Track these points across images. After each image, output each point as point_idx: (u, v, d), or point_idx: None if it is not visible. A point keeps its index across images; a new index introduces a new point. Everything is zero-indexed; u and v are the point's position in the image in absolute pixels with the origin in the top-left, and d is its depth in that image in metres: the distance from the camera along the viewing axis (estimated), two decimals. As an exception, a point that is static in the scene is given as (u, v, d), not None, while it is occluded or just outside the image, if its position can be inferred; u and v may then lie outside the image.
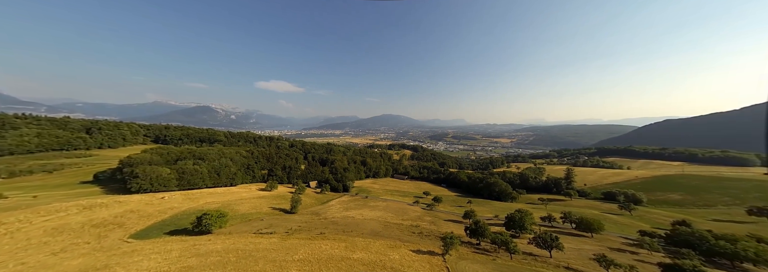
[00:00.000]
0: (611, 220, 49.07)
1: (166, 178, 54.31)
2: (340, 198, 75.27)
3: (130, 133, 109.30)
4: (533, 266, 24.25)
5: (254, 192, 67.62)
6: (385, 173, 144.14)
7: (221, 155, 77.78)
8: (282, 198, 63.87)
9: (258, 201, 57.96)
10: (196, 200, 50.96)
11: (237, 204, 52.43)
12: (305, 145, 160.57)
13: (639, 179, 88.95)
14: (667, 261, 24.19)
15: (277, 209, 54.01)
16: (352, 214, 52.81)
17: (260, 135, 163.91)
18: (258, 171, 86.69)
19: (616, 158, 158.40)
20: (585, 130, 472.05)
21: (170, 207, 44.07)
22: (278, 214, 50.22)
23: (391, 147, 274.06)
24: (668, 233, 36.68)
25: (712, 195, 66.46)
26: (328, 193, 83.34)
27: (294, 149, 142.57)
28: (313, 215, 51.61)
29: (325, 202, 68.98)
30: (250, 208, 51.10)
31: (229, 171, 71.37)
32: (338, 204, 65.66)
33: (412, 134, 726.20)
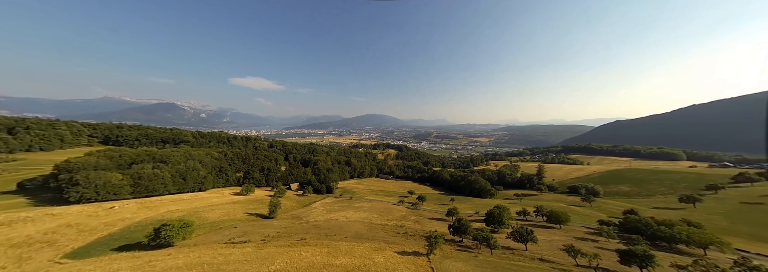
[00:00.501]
0: (575, 212, 54.08)
1: (117, 185, 47.22)
2: (323, 200, 72.68)
3: (69, 134, 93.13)
4: (511, 260, 25.39)
5: (227, 197, 62.19)
6: (369, 173, 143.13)
7: (188, 157, 70.25)
8: (259, 203, 59.64)
9: (231, 206, 53.33)
10: (155, 209, 45.11)
11: (206, 211, 47.59)
12: (286, 146, 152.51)
13: (596, 174, 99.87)
14: (622, 248, 27.10)
15: (253, 214, 50.18)
16: (335, 217, 51.10)
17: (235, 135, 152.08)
18: (232, 174, 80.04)
19: (578, 155, 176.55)
20: (552, 130, 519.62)
21: (121, 219, 38.32)
22: (254, 220, 46.65)
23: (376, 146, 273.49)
24: (621, 221, 41.43)
25: (653, 186, 77.10)
26: (310, 195, 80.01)
27: (273, 150, 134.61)
28: (294, 219, 48.91)
29: (308, 205, 66.07)
30: (222, 215, 46.74)
31: (198, 175, 64.65)
32: (321, 207, 63.27)
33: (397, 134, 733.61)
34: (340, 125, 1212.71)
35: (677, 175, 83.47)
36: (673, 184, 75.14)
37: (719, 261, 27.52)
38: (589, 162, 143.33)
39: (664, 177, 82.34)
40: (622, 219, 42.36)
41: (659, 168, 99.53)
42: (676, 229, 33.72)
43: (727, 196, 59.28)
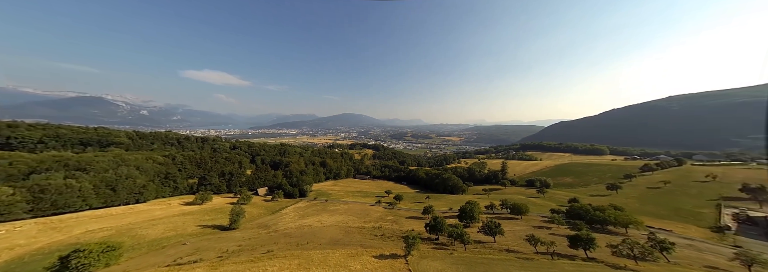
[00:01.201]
0: (532, 203, 60.90)
1: (5, 202, 35.75)
2: (295, 205, 67.76)
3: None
4: (483, 253, 26.80)
5: (175, 208, 53.11)
6: (346, 174, 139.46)
7: (119, 163, 57.79)
8: (218, 212, 52.40)
9: (180, 219, 45.56)
10: (66, 230, 35.63)
11: (144, 227, 39.59)
12: (253, 147, 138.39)
13: (547, 168, 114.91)
14: (570, 233, 31.13)
15: (209, 227, 43.65)
16: (308, 222, 47.80)
17: (188, 135, 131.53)
18: (183, 181, 68.82)
19: (533, 152, 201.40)
20: (512, 130, 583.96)
21: (8, 247, 29.05)
22: (211, 233, 40.55)
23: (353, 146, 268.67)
24: (567, 209, 47.97)
25: (588, 177, 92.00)
26: (281, 200, 73.82)
27: (237, 151, 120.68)
28: (261, 228, 44.11)
29: (277, 211, 60.68)
30: (167, 230, 39.44)
31: (133, 184, 53.54)
32: (293, 212, 58.76)
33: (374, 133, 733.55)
34: (314, 124, 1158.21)
35: (604, 167, 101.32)
36: (602, 175, 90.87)
37: (636, 238, 33.84)
38: (541, 158, 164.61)
39: (595, 170, 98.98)
40: (568, 207, 49.02)
41: (592, 162, 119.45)
42: (607, 213, 40.35)
43: (637, 183, 74.02)
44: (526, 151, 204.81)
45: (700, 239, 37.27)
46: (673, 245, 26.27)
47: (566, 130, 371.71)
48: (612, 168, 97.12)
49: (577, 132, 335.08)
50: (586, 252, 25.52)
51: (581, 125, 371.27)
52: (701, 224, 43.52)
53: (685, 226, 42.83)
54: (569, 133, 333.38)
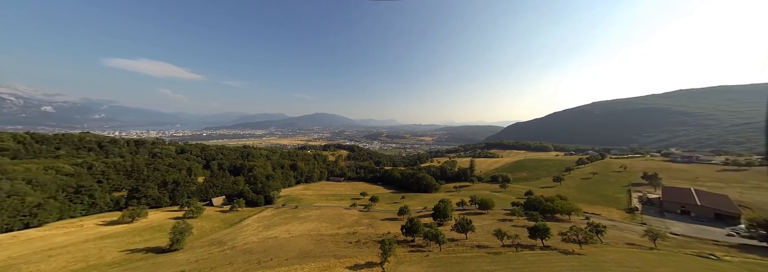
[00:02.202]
0: (496, 197, 66.63)
1: None
2: (260, 214, 60.83)
3: None
4: (457, 252, 27.46)
5: (89, 231, 41.97)
6: (319, 176, 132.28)
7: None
8: (155, 231, 43.30)
9: (95, 245, 36.00)
10: None
11: (35, 260, 29.96)
12: (207, 150, 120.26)
13: (507, 164, 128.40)
14: (529, 224, 34.46)
15: (140, 250, 35.46)
16: (274, 233, 42.97)
17: (116, 137, 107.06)
18: (104, 195, 55.20)
19: (495, 150, 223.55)
20: (478, 130, 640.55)
21: None
22: (142, 259, 32.89)
23: (327, 147, 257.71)
24: (524, 201, 53.69)
25: (539, 171, 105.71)
26: (242, 210, 65.45)
27: (186, 156, 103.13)
28: (214, 246, 37.77)
29: (237, 223, 53.39)
30: (72, 262, 30.52)
31: (19, 204, 40.31)
32: (256, 223, 52.45)
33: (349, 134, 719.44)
34: (284, 124, 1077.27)
35: (550, 162, 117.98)
36: (549, 169, 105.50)
37: (577, 223, 39.49)
38: (502, 156, 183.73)
39: (544, 165, 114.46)
40: (525, 199, 54.89)
41: (541, 158, 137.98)
42: (555, 203, 46.27)
43: (574, 175, 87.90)
44: (489, 149, 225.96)
45: (619, 219, 45.61)
46: (604, 228, 31.19)
47: (521, 130, 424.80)
48: (556, 163, 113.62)
49: (529, 131, 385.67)
50: (542, 241, 28.32)
51: (532, 126, 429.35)
52: (619, 206, 53.52)
53: (608, 209, 52.02)
54: (523, 133, 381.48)
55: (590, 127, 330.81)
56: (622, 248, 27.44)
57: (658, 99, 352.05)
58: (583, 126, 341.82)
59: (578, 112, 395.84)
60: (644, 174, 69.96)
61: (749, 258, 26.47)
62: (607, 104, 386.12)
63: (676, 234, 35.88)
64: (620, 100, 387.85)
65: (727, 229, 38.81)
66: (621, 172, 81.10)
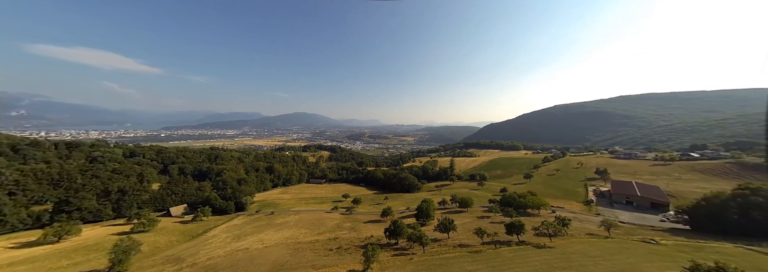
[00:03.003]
0: (475, 195, 69.89)
1: None
2: (230, 223, 55.33)
3: None
4: (439, 253, 27.62)
5: (-4, 259, 33.58)
6: (299, 179, 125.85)
7: None
8: (90, 251, 36.51)
9: (3, 276, 28.79)
10: None
11: None
12: (165, 153, 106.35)
13: (484, 163, 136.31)
14: (505, 219, 36.36)
15: (69, 278, 29.23)
16: (245, 244, 39.11)
17: (39, 139, 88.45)
18: (18, 211, 45.13)
19: (473, 149, 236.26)
20: (457, 130, 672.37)
21: None
22: (71, 289, 27.06)
23: (307, 148, 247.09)
24: (500, 198, 57.09)
25: (512, 169, 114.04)
26: (207, 219, 58.91)
27: (136, 160, 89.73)
28: (169, 264, 32.97)
29: (201, 234, 47.72)
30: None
31: None
32: (224, 233, 47.48)
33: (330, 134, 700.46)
34: (259, 124, 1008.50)
35: (521, 160, 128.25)
36: (520, 167, 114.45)
37: (546, 217, 43.05)
38: (479, 155, 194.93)
39: (516, 163, 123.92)
40: (501, 196, 58.37)
41: (513, 157, 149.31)
42: (526, 199, 49.89)
43: (541, 172, 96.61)
44: (467, 149, 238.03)
45: (579, 211, 50.95)
46: (569, 221, 34.28)
47: (495, 130, 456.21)
48: (526, 161, 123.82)
49: (502, 131, 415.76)
50: (517, 236, 29.99)
51: (504, 126, 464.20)
52: (578, 199, 59.91)
53: (570, 203, 57.89)
54: (497, 133, 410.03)
55: (552, 127, 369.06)
56: (584, 238, 30.36)
57: (605, 103, 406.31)
58: (546, 126, 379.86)
59: (542, 114, 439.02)
60: (597, 169, 79.71)
61: (678, 240, 31.28)
62: (566, 107, 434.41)
63: (623, 222, 41.08)
64: (576, 104, 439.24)
65: (659, 216, 45.71)
66: (578, 168, 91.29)
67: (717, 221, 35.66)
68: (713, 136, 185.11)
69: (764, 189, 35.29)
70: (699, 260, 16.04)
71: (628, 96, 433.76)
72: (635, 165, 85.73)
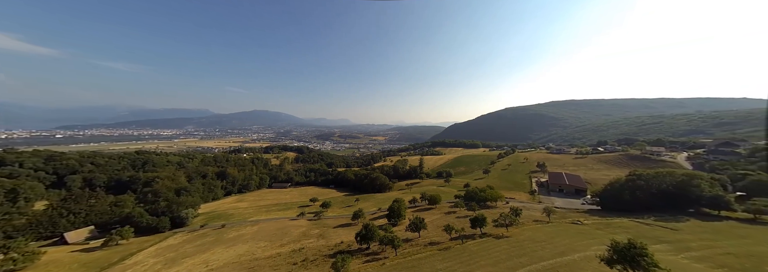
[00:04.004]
0: (442, 191, 74.03)
1: None
2: (161, 244, 45.60)
3: None
4: (412, 254, 27.60)
5: None
6: (259, 184, 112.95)
7: None
8: None
9: None
10: None
11: None
12: (60, 159, 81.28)
13: (449, 160, 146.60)
14: (470, 214, 39.04)
15: None
16: (181, 270, 32.32)
17: None
18: None
19: (440, 148, 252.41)
20: (425, 130, 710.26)
21: None
22: None
23: (269, 149, 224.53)
24: (464, 193, 61.74)
25: (473, 165, 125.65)
26: (127, 242, 47.29)
27: (7, 170, 65.65)
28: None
29: (115, 264, 37.84)
30: None
31: None
32: (153, 258, 38.79)
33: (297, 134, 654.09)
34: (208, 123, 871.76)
35: (480, 157, 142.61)
36: (480, 163, 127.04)
37: (502, 208, 48.26)
38: (445, 153, 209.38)
39: (476, 160, 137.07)
40: (464, 191, 63.11)
41: (474, 154, 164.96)
42: (486, 193, 55.09)
43: (497, 167, 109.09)
44: (435, 148, 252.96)
45: (526, 201, 58.95)
46: (521, 210, 38.96)
47: (458, 129, 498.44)
48: (484, 158, 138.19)
49: (464, 131, 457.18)
50: (480, 229, 32.38)
51: (466, 126, 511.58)
52: (525, 190, 69.42)
53: (519, 193, 66.57)
54: (460, 132, 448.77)
55: (504, 127, 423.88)
56: (532, 225, 34.82)
57: (541, 107, 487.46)
58: (500, 126, 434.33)
59: (496, 116, 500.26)
60: (538, 163, 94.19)
61: (595, 219, 38.83)
62: (514, 110, 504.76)
63: (558, 207, 49.09)
64: (521, 107, 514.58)
65: (581, 200, 56.43)
66: (524, 163, 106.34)
67: (617, 201, 45.76)
68: (610, 134, 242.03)
69: (644, 175, 46.90)
70: (617, 238, 19.55)
71: (557, 101, 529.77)
72: (563, 158, 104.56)
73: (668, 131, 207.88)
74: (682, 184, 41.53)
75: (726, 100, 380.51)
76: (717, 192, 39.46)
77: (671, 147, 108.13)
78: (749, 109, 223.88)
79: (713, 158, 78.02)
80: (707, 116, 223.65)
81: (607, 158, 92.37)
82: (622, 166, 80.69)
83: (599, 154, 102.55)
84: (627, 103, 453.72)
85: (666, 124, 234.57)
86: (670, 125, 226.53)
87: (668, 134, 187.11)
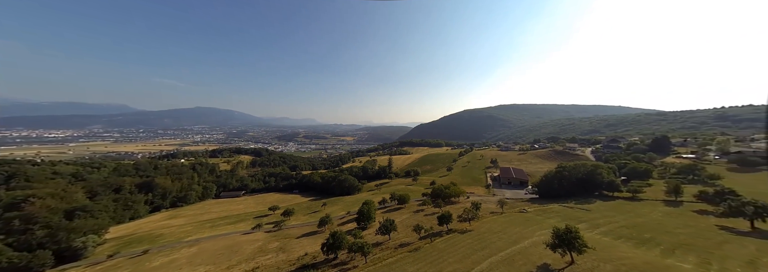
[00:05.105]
0: (410, 190, 76.11)
1: None
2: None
3: None
4: (382, 259, 26.67)
5: None
6: (202, 195, 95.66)
7: None
8: None
9: None
10: None
11: None
12: None
13: (416, 159, 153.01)
14: (436, 210, 40.66)
15: None
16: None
17: None
18: None
19: (407, 147, 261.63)
20: (393, 130, 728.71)
21: None
22: None
23: (217, 153, 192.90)
24: (431, 191, 64.74)
25: (438, 164, 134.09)
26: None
27: None
28: None
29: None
30: None
31: None
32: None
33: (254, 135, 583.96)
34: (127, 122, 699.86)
35: (444, 156, 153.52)
36: (444, 161, 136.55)
37: (464, 203, 52.30)
38: (412, 152, 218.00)
39: (441, 158, 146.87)
40: (431, 189, 66.20)
41: (439, 153, 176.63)
42: (450, 189, 58.90)
43: (458, 164, 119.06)
44: (403, 147, 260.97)
45: (483, 194, 65.63)
46: (480, 204, 42.68)
47: (424, 129, 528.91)
48: (447, 156, 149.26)
49: (429, 131, 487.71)
50: (447, 226, 33.89)
51: (431, 126, 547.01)
52: (481, 185, 77.45)
53: (477, 188, 73.78)
54: (426, 132, 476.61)
55: (463, 127, 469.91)
56: (490, 217, 38.46)
57: (492, 110, 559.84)
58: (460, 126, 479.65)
59: (457, 117, 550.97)
60: (491, 160, 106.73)
61: (535, 207, 45.62)
62: (472, 111, 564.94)
63: (508, 198, 56.15)
64: (477, 109, 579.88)
65: (524, 190, 66.12)
66: (481, 160, 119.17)
67: (549, 190, 55.16)
68: (542, 133, 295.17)
69: (567, 167, 57.91)
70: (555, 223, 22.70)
71: (504, 105, 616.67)
72: (510, 155, 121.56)
73: (578, 131, 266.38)
74: (591, 173, 52.70)
75: (612, 107, 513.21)
76: (612, 178, 51.50)
77: (581, 143, 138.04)
78: (624, 114, 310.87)
79: (606, 151, 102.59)
80: (601, 119, 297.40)
81: (541, 153, 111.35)
82: (551, 160, 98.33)
83: (535, 151, 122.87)
84: (552, 107, 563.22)
85: (576, 125, 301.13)
86: (579, 126, 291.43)
87: (578, 133, 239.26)
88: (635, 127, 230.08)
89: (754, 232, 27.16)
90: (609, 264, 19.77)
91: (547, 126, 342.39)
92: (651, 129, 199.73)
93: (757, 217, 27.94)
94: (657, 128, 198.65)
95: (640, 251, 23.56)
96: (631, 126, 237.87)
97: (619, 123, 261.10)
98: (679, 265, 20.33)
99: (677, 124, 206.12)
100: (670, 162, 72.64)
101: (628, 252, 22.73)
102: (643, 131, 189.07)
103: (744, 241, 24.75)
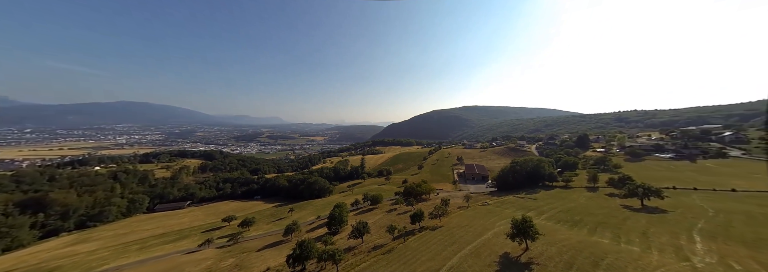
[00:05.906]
0: (383, 190, 76.39)
1: None
2: None
3: None
4: (354, 265, 25.55)
5: None
6: (127, 210, 77.98)
7: None
8: None
9: None
10: None
11: None
12: None
13: (389, 159, 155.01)
14: (409, 209, 41.38)
15: None
16: None
17: None
18: None
19: (380, 147, 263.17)
20: (366, 129, 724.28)
21: None
22: None
23: (152, 157, 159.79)
24: (403, 189, 66.00)
25: (409, 162, 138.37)
26: None
27: None
28: None
29: None
30: None
31: None
32: None
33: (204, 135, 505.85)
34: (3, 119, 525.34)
35: (415, 154, 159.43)
36: (415, 160, 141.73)
37: (434, 199, 54.84)
38: (384, 151, 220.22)
39: (412, 157, 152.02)
40: (403, 187, 67.52)
41: (410, 152, 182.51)
42: (422, 187, 61.03)
43: (428, 162, 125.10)
44: (375, 147, 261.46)
45: (451, 190, 70.21)
46: (449, 200, 45.21)
47: (396, 129, 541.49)
48: (418, 155, 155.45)
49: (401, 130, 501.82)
50: (419, 224, 34.68)
51: (402, 126, 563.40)
52: (449, 181, 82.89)
53: (446, 184, 78.60)
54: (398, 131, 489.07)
55: (432, 126, 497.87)
56: (458, 212, 41.06)
57: (458, 110, 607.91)
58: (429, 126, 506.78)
59: (426, 117, 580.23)
60: (457, 157, 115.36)
61: (495, 199, 50.88)
62: (440, 112, 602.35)
63: (472, 193, 61.33)
64: (445, 110, 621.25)
65: (485, 185, 73.38)
66: (448, 157, 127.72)
67: (505, 183, 62.44)
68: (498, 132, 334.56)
69: (519, 162, 66.52)
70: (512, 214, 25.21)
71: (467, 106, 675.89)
72: (473, 152, 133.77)
73: (525, 130, 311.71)
74: (536, 167, 61.60)
75: (548, 110, 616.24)
76: (551, 170, 61.21)
77: (528, 141, 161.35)
78: (557, 116, 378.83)
79: (546, 147, 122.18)
80: (542, 120, 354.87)
81: (498, 150, 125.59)
82: (506, 156, 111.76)
83: (493, 148, 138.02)
84: (505, 109, 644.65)
85: (524, 125, 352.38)
86: (526, 126, 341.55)
87: (526, 132, 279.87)
88: (565, 126, 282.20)
89: (643, 209, 35.59)
90: (553, 247, 22.98)
91: (502, 126, 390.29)
92: (576, 128, 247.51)
93: (645, 197, 36.75)
94: (579, 127, 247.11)
95: (573, 232, 28.22)
96: (562, 126, 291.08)
97: (555, 123, 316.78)
98: (601, 241, 25.00)
99: (592, 124, 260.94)
100: (589, 156, 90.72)
101: (565, 234, 26.92)
102: (571, 130, 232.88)
103: (638, 216, 32.13)
